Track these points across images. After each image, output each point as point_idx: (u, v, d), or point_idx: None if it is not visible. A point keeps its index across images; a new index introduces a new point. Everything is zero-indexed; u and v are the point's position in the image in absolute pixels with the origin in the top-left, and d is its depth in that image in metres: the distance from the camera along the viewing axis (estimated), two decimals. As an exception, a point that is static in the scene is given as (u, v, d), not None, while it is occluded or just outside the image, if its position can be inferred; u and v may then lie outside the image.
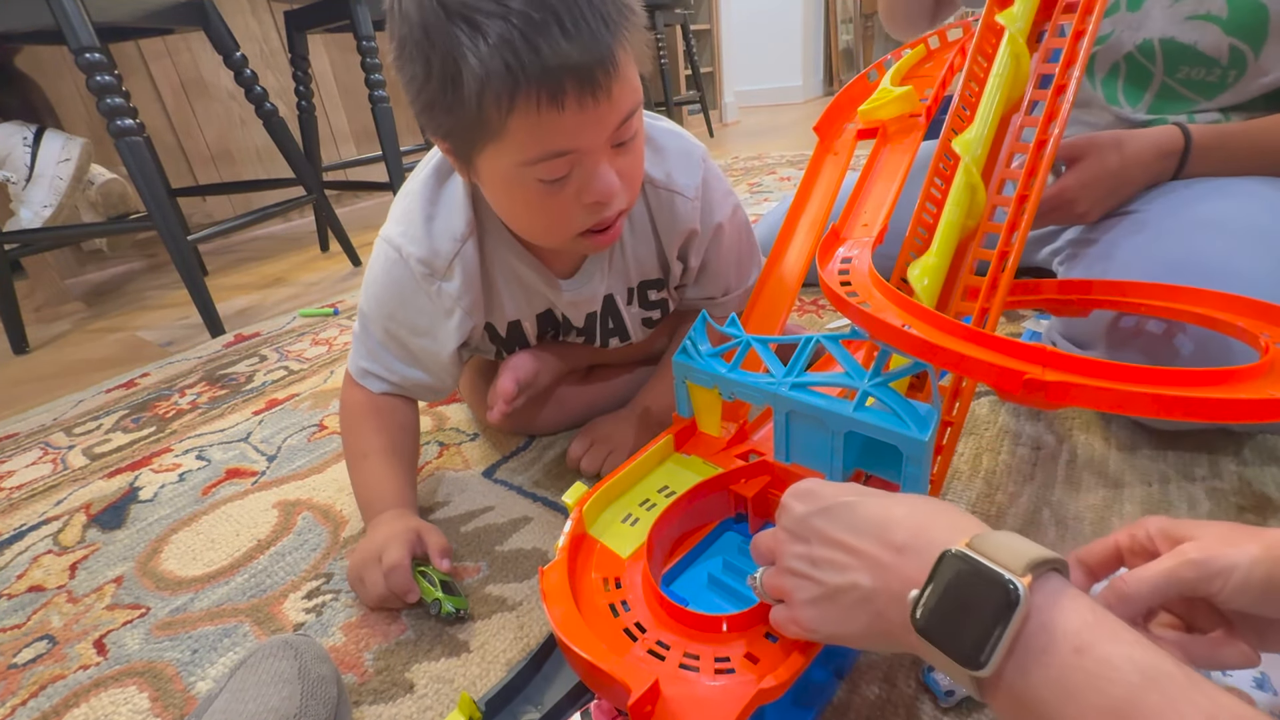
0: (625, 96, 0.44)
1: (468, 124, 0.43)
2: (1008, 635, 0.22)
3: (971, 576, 0.24)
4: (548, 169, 0.44)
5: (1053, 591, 0.23)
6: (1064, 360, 0.32)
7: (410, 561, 0.49)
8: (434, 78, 0.41)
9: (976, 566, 0.24)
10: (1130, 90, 0.69)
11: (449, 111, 0.42)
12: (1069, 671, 0.21)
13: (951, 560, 0.25)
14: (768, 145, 2.63)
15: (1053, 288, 0.60)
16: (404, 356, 0.60)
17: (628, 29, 0.42)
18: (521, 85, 0.39)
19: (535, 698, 0.40)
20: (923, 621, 0.25)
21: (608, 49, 0.41)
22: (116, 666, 0.49)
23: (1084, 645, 0.22)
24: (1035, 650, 0.22)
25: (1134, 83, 0.68)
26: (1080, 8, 0.52)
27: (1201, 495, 0.52)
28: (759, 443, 0.51)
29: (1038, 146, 0.48)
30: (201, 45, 1.75)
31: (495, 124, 0.42)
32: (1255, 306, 0.45)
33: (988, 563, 0.24)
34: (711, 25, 3.42)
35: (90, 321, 1.43)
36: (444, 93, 0.41)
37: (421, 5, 0.40)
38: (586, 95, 0.41)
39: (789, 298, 0.56)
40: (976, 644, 0.23)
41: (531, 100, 0.40)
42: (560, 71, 0.39)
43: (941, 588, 0.25)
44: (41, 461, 0.83)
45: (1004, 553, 0.24)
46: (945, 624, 0.24)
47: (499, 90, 0.40)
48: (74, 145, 1.31)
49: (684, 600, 0.40)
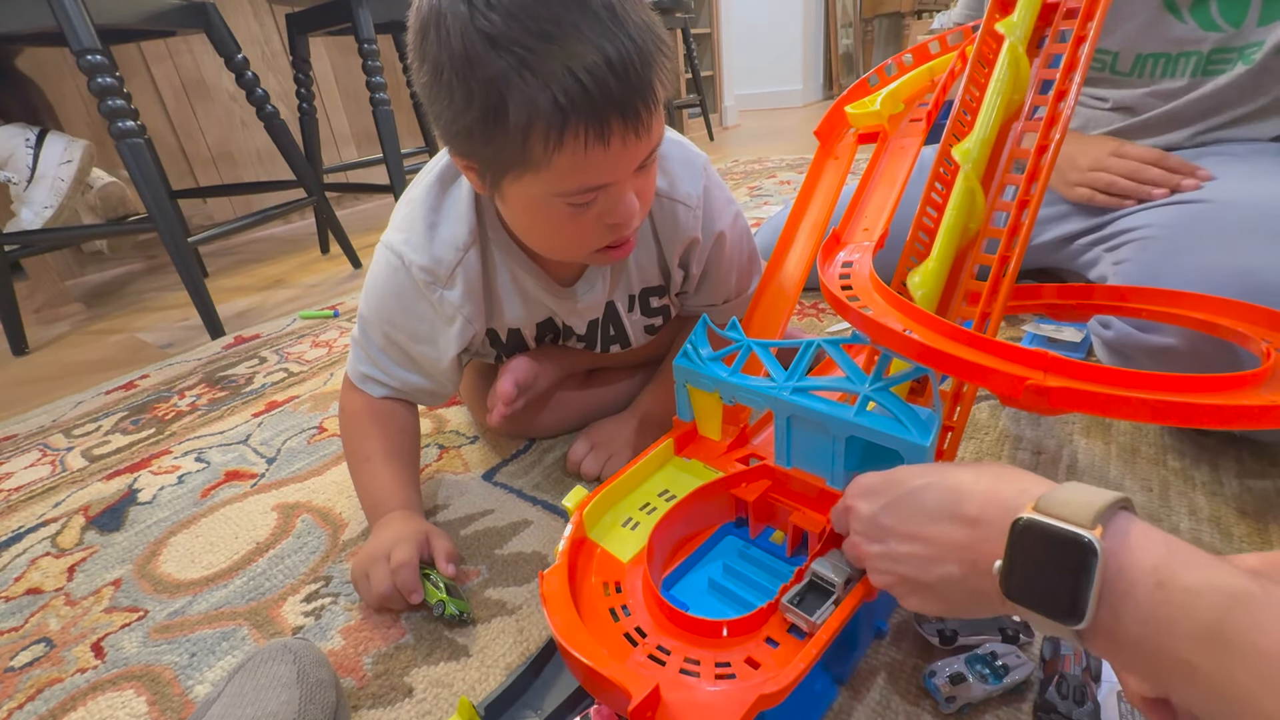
0: (658, 129, 0.45)
1: (507, 155, 0.43)
2: (1094, 587, 0.24)
3: (1047, 540, 0.25)
4: (580, 198, 0.45)
5: (1122, 534, 0.24)
6: (1066, 366, 0.32)
7: (418, 561, 0.49)
8: (476, 107, 0.41)
9: (1049, 530, 0.25)
10: (1228, 7, 0.66)
11: (489, 142, 0.42)
12: (1157, 606, 0.23)
13: (1025, 527, 0.26)
14: (768, 149, 2.64)
15: (1053, 292, 0.60)
16: (404, 362, 0.60)
17: (664, 62, 0.42)
18: (570, 122, 0.39)
19: (535, 703, 0.40)
20: (1013, 591, 0.26)
21: (649, 84, 0.41)
22: (114, 670, 0.49)
23: (1164, 579, 0.23)
24: (1120, 593, 0.24)
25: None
26: (1081, 13, 0.52)
27: (1202, 500, 0.52)
28: (760, 447, 0.50)
29: (1038, 152, 0.48)
30: (203, 47, 1.75)
31: (539, 157, 0.42)
32: (1256, 312, 0.45)
33: (1058, 523, 0.25)
34: (712, 29, 3.43)
35: (90, 323, 1.43)
36: (485, 123, 0.41)
37: (465, 35, 0.39)
38: (630, 133, 0.41)
39: (790, 302, 0.56)
40: (1067, 602, 0.24)
41: (579, 136, 0.40)
42: (608, 109, 0.40)
43: (1021, 556, 0.26)
44: (40, 463, 0.82)
45: (1070, 508, 0.25)
46: (1033, 589, 0.26)
47: (548, 126, 0.40)
48: (76, 147, 1.31)
49: (684, 605, 0.39)
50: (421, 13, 0.41)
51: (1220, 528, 0.50)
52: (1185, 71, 0.71)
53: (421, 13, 0.41)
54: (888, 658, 0.42)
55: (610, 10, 0.39)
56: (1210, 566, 0.23)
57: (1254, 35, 0.66)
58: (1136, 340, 0.58)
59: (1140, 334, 0.58)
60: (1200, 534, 0.49)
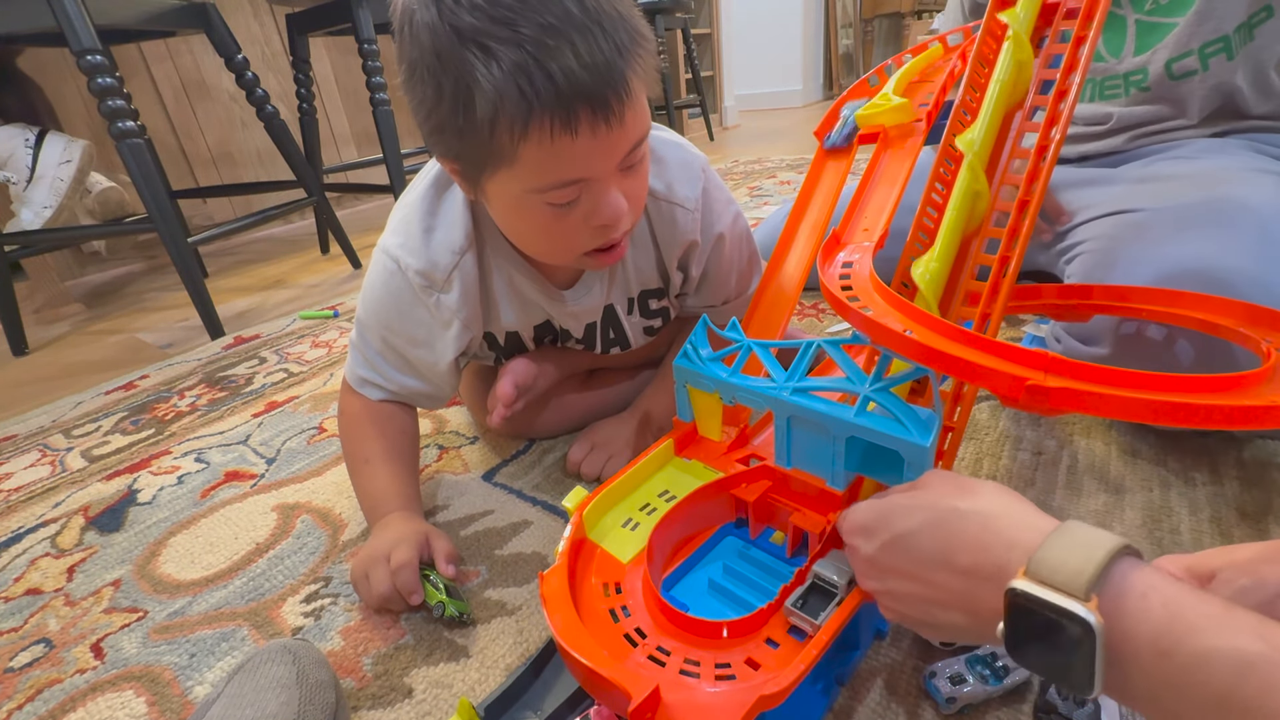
0: (637, 123, 0.44)
1: (479, 149, 0.42)
2: (1098, 663, 0.23)
3: (1042, 617, 0.24)
4: (558, 195, 0.44)
5: (1119, 597, 0.24)
6: (1067, 366, 0.32)
7: (418, 562, 0.49)
8: (445, 101, 0.41)
9: (1043, 604, 0.24)
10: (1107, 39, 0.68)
11: (460, 136, 0.42)
12: (1165, 674, 0.22)
13: (1019, 600, 0.25)
14: (768, 149, 2.64)
15: (1053, 293, 0.60)
16: (401, 366, 0.60)
17: (640, 55, 0.42)
18: (534, 110, 0.39)
19: (535, 703, 0.40)
20: (1020, 660, 0.26)
21: (620, 74, 0.41)
22: (114, 671, 0.49)
23: (1168, 648, 0.22)
24: (1125, 659, 0.23)
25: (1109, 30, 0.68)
26: (1081, 14, 0.52)
27: (1203, 500, 0.52)
28: (760, 447, 0.50)
29: (1038, 152, 0.48)
30: (203, 47, 1.75)
31: (508, 150, 0.41)
32: (1256, 312, 0.45)
33: (1052, 597, 0.24)
34: (712, 29, 3.43)
35: (90, 323, 1.43)
36: (455, 117, 0.41)
37: (434, 29, 0.39)
38: (599, 121, 0.41)
39: (790, 302, 0.56)
40: (1076, 676, 0.24)
41: (545, 126, 0.40)
42: (573, 97, 0.39)
43: (1021, 628, 0.25)
44: (40, 463, 0.82)
45: (1062, 575, 0.24)
46: (1038, 662, 0.25)
47: (512, 115, 0.39)
48: (75, 147, 1.31)
49: (684, 605, 0.39)
50: (397, 13, 0.42)
51: (1220, 528, 0.50)
52: (1085, 96, 0.75)
53: (397, 13, 0.42)
54: (888, 658, 0.42)
55: (580, 2, 0.39)
56: (1215, 627, 0.22)
57: (1134, 63, 0.70)
58: (1079, 352, 0.59)
59: (1082, 346, 0.59)
60: (1201, 534, 0.49)
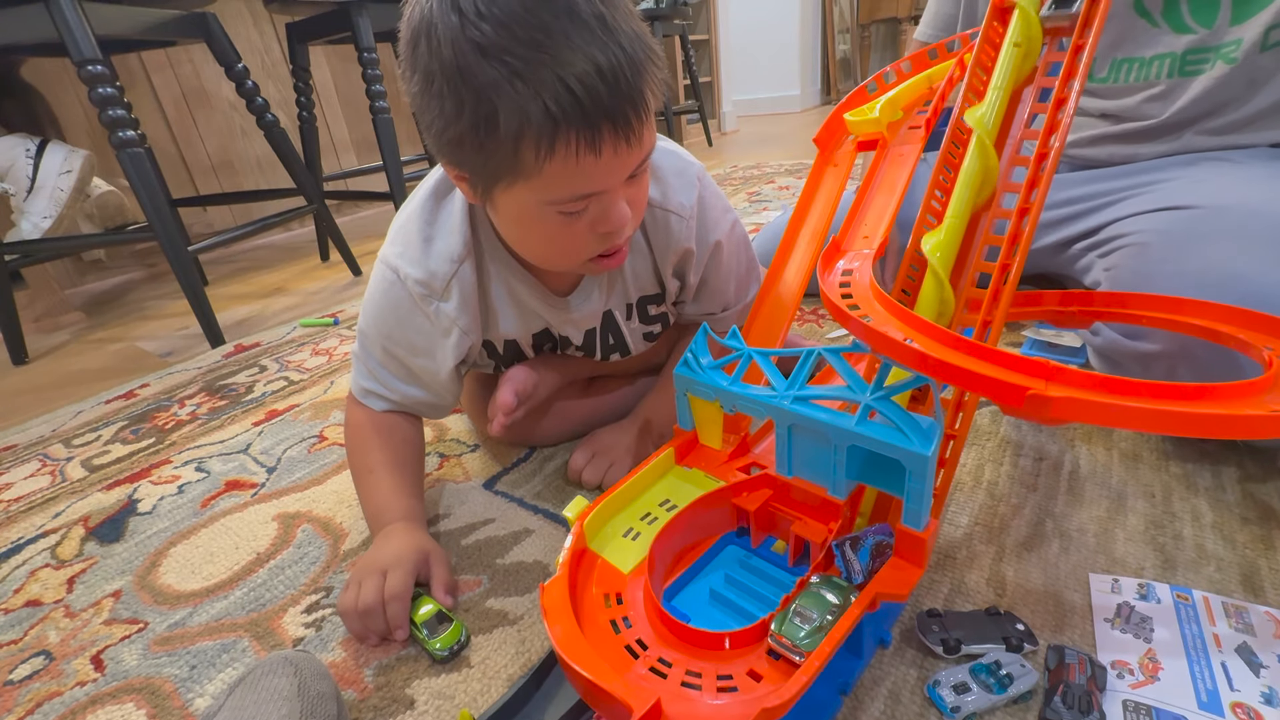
0: (649, 137, 0.45)
1: (499, 163, 0.43)
2: None
3: None
4: (570, 205, 0.45)
5: None
6: (1067, 375, 0.32)
7: (411, 594, 0.49)
8: (466, 116, 0.41)
9: None
10: (1198, 8, 0.65)
11: (480, 151, 0.42)
12: None
13: None
14: (766, 154, 2.64)
15: (1054, 299, 0.60)
16: (404, 375, 0.60)
17: (654, 71, 0.43)
18: (561, 129, 0.39)
19: (536, 715, 0.40)
20: None
21: (640, 94, 0.41)
22: (114, 683, 0.49)
23: None
24: None
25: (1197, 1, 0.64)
26: (1080, 20, 0.52)
27: (1205, 507, 0.52)
28: (761, 456, 0.50)
29: (1038, 159, 0.48)
30: (203, 56, 1.76)
31: (530, 166, 0.42)
32: (1257, 319, 0.45)
33: None
34: (710, 35, 3.45)
35: (90, 332, 1.43)
36: (476, 132, 0.41)
37: (456, 44, 0.39)
38: (621, 140, 0.41)
39: (790, 310, 0.56)
40: None
41: (571, 146, 0.40)
42: (599, 118, 0.40)
43: None
44: (40, 473, 0.82)
45: None
46: None
47: (539, 135, 0.40)
48: (76, 157, 1.31)
49: (686, 616, 0.39)
50: (413, 23, 0.42)
51: (1223, 534, 0.49)
52: (1161, 74, 0.70)
53: (413, 23, 0.42)
54: (892, 668, 0.42)
55: (601, 20, 0.39)
56: None
57: (1229, 35, 0.66)
58: (1124, 347, 0.59)
59: (1127, 340, 0.59)
60: (1203, 541, 0.49)
